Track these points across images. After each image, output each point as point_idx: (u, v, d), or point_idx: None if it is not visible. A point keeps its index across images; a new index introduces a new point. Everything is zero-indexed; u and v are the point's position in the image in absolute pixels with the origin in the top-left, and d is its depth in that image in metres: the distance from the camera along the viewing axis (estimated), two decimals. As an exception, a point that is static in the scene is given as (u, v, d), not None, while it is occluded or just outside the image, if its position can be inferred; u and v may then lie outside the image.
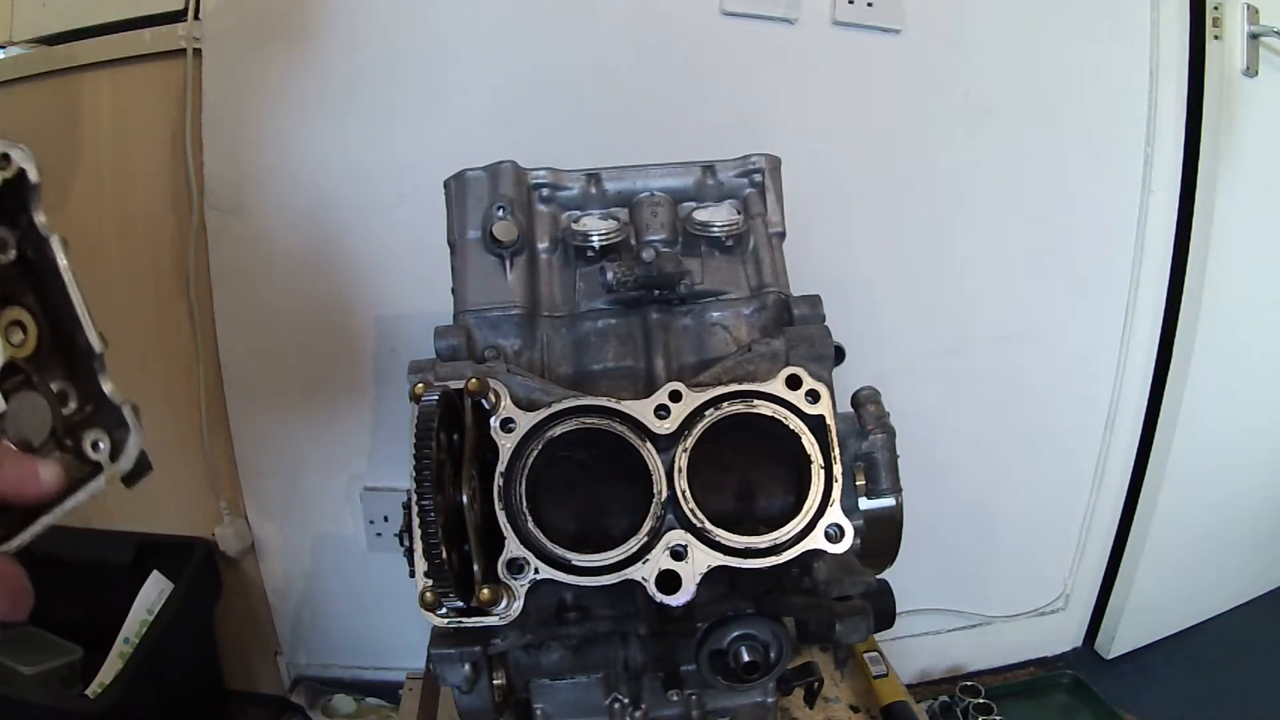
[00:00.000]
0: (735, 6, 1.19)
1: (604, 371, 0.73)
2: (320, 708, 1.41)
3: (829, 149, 1.25)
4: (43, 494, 0.41)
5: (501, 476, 0.60)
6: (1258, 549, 1.67)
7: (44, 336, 0.44)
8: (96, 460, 0.46)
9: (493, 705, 0.66)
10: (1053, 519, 1.50)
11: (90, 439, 0.46)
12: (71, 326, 0.45)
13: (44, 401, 0.44)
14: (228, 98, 1.20)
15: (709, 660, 0.63)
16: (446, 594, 0.56)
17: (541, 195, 0.78)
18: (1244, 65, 1.30)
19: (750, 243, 0.77)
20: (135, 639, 1.15)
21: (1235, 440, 1.52)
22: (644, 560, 0.58)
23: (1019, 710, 1.42)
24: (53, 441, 0.44)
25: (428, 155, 0.98)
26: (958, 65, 1.25)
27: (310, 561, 1.40)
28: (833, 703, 1.09)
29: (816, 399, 0.62)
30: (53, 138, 1.25)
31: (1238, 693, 1.48)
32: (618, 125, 1.20)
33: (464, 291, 0.74)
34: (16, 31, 1.27)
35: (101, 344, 0.46)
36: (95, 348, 0.45)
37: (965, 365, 1.37)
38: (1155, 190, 1.33)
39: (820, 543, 0.59)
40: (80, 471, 0.45)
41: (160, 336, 1.30)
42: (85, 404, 0.47)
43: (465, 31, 1.18)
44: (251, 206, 1.23)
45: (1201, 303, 1.37)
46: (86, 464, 0.46)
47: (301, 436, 1.33)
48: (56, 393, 0.45)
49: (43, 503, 0.42)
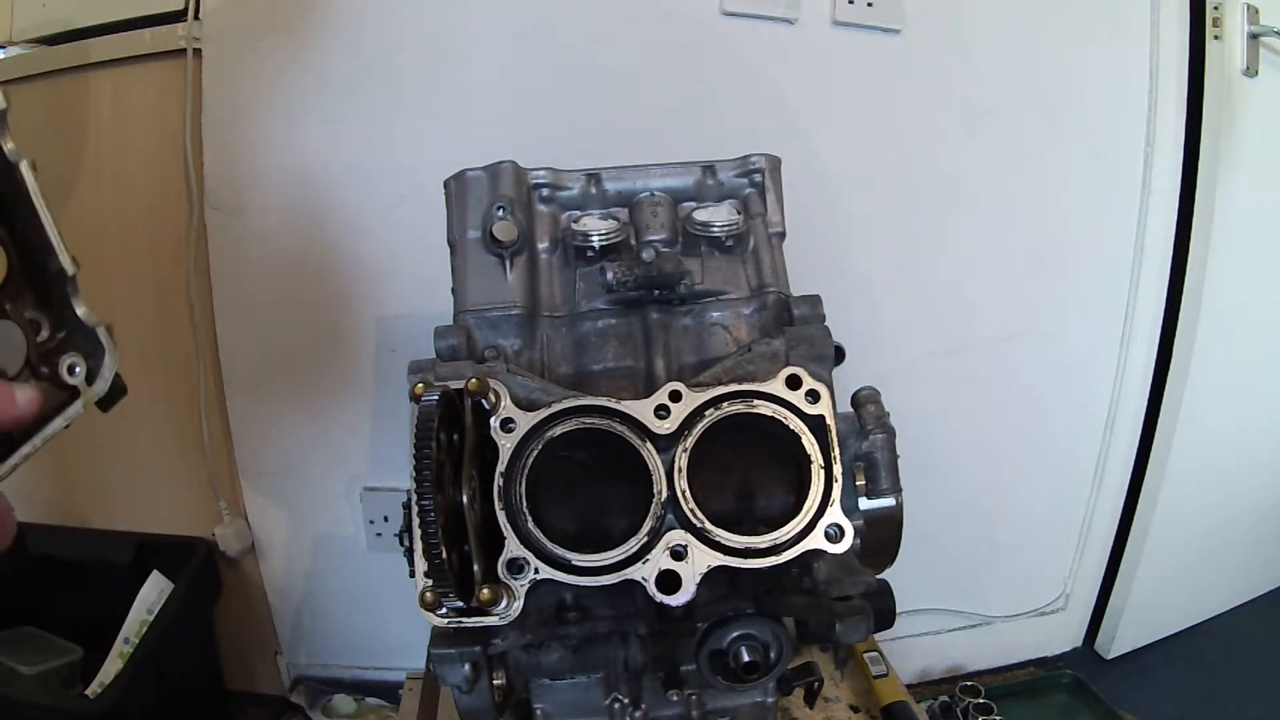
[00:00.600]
0: (735, 6, 1.19)
1: (604, 371, 0.73)
2: (320, 708, 1.41)
3: (829, 149, 1.25)
4: (20, 417, 0.40)
5: (501, 476, 0.60)
6: (1258, 549, 1.67)
7: (14, 263, 0.43)
8: (73, 385, 0.45)
9: (493, 705, 0.66)
10: (1053, 519, 1.50)
11: (66, 364, 0.45)
12: (43, 251, 0.44)
13: (17, 329, 0.43)
14: (228, 98, 1.20)
15: (709, 660, 0.63)
16: (446, 594, 0.56)
17: (541, 195, 0.78)
18: (1244, 65, 1.30)
19: (750, 243, 0.77)
20: (135, 639, 1.15)
21: (1235, 440, 1.52)
22: (644, 560, 0.58)
23: (1019, 710, 1.42)
24: (28, 370, 0.43)
25: (428, 155, 0.98)
26: (958, 65, 1.25)
27: (310, 561, 1.40)
28: (833, 703, 1.09)
29: (816, 399, 0.62)
30: (53, 138, 1.25)
31: (1238, 693, 1.48)
32: (618, 125, 1.20)
33: (464, 291, 0.74)
34: (16, 31, 1.27)
35: (74, 266, 0.44)
36: (68, 270, 0.44)
37: (965, 365, 1.37)
38: (1155, 190, 1.33)
39: (820, 543, 0.59)
40: (57, 398, 0.44)
41: (160, 336, 1.30)
42: (59, 329, 0.46)
43: (465, 32, 1.18)
44: (251, 206, 1.23)
45: (1201, 303, 1.37)
46: (64, 390, 0.45)
47: (301, 436, 1.33)
48: (29, 320, 0.44)
49: (21, 429, 0.41)
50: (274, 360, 1.30)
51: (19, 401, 0.40)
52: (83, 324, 0.45)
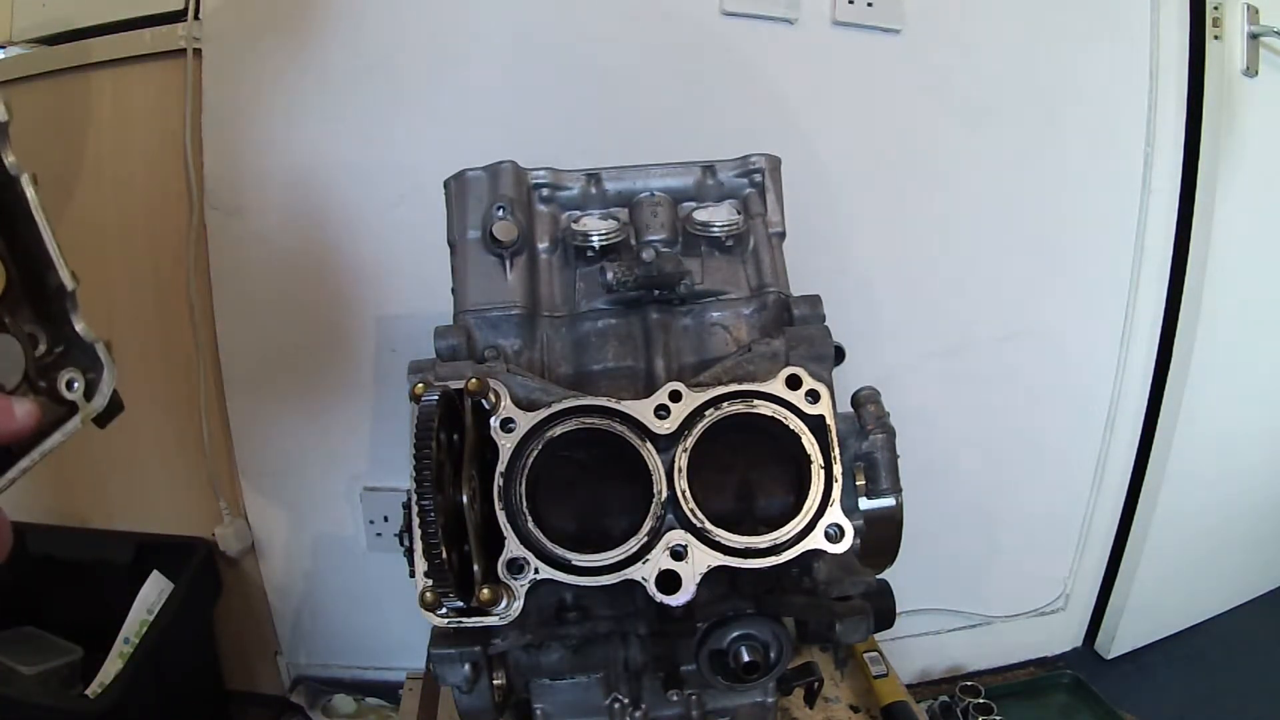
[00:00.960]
0: (735, 6, 1.19)
1: (604, 371, 0.73)
2: (320, 708, 1.41)
3: (829, 149, 1.25)
4: (18, 430, 0.40)
5: (501, 476, 0.60)
6: (1258, 549, 1.67)
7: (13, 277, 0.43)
8: (71, 400, 0.45)
9: (493, 705, 0.66)
10: (1053, 519, 1.50)
11: (64, 379, 0.45)
12: (43, 265, 0.44)
13: (15, 343, 0.43)
14: (228, 98, 1.20)
15: (709, 660, 0.63)
16: (446, 594, 0.56)
17: (541, 195, 0.78)
18: (1244, 65, 1.30)
19: (750, 243, 0.77)
20: (135, 639, 1.15)
21: (1235, 440, 1.52)
22: (644, 560, 0.58)
23: (1019, 710, 1.42)
24: (26, 384, 0.43)
25: (428, 155, 0.98)
26: (958, 65, 1.25)
27: (310, 561, 1.40)
28: (833, 703, 1.09)
29: (816, 399, 0.62)
30: (53, 138, 1.25)
31: (1238, 693, 1.48)
32: (618, 125, 1.20)
33: (464, 291, 0.74)
34: (16, 31, 1.27)
35: (73, 281, 0.44)
36: (67, 285, 0.44)
37: (965, 365, 1.37)
38: (1155, 190, 1.33)
39: (820, 543, 0.59)
40: (55, 413, 0.44)
41: (160, 336, 1.30)
42: (57, 345, 0.45)
43: (465, 32, 1.18)
44: (251, 206, 1.23)
45: (1201, 302, 1.37)
46: (62, 405, 0.45)
47: (301, 436, 1.33)
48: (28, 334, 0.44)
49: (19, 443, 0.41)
50: (274, 360, 1.30)
51: (17, 415, 0.40)
52: (81, 340, 0.45)
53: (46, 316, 0.45)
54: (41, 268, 0.44)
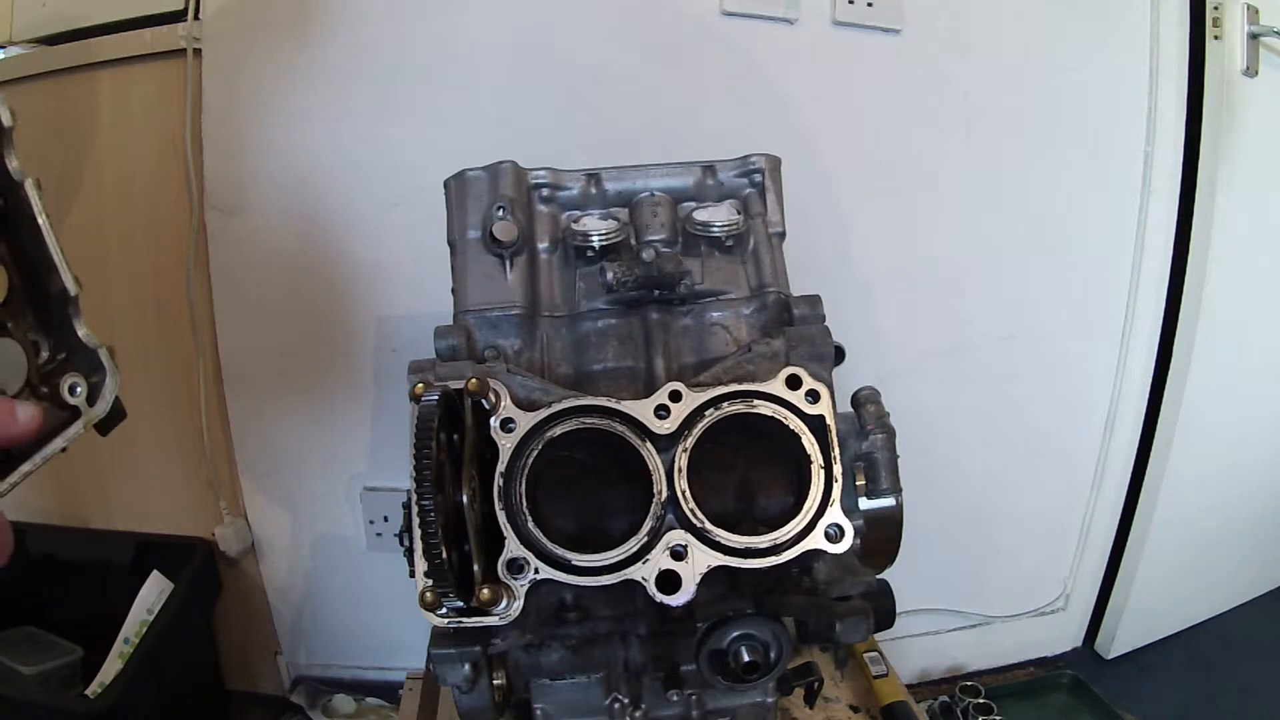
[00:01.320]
0: (735, 6, 1.18)
1: (604, 371, 0.73)
2: (320, 708, 1.41)
3: (829, 149, 1.24)
4: (21, 434, 0.40)
5: (501, 476, 0.60)
6: (1258, 549, 1.67)
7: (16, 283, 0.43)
8: (74, 405, 0.45)
9: (493, 705, 0.66)
10: (1052, 519, 1.50)
11: (67, 384, 0.45)
12: (46, 271, 0.44)
13: (18, 347, 0.43)
14: (228, 98, 1.20)
15: (709, 660, 0.63)
16: (446, 594, 0.56)
17: (541, 195, 0.78)
18: (1244, 65, 1.30)
19: (750, 243, 0.78)
20: (135, 639, 1.15)
21: (1235, 441, 1.52)
22: (644, 560, 0.58)
23: (1019, 710, 1.42)
24: (28, 389, 0.43)
25: (427, 156, 0.98)
26: (958, 65, 1.25)
27: (310, 561, 1.40)
28: (833, 703, 1.09)
29: (816, 399, 0.62)
30: (53, 138, 1.25)
31: (1238, 693, 1.48)
32: (618, 125, 1.20)
33: (464, 291, 0.74)
34: (16, 31, 1.27)
35: (76, 287, 0.44)
36: (70, 290, 0.44)
37: (965, 365, 1.37)
38: (1155, 190, 1.33)
39: (820, 543, 0.59)
40: (58, 418, 0.44)
41: (160, 336, 1.30)
42: (60, 350, 0.45)
43: (465, 32, 1.18)
44: (251, 207, 1.23)
45: (1201, 303, 1.37)
46: (64, 410, 0.45)
47: (301, 436, 1.33)
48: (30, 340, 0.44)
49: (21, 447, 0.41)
50: (274, 360, 1.30)
51: (20, 418, 0.40)
52: (84, 345, 0.45)
53: (49, 322, 0.45)
54: (44, 273, 0.44)
